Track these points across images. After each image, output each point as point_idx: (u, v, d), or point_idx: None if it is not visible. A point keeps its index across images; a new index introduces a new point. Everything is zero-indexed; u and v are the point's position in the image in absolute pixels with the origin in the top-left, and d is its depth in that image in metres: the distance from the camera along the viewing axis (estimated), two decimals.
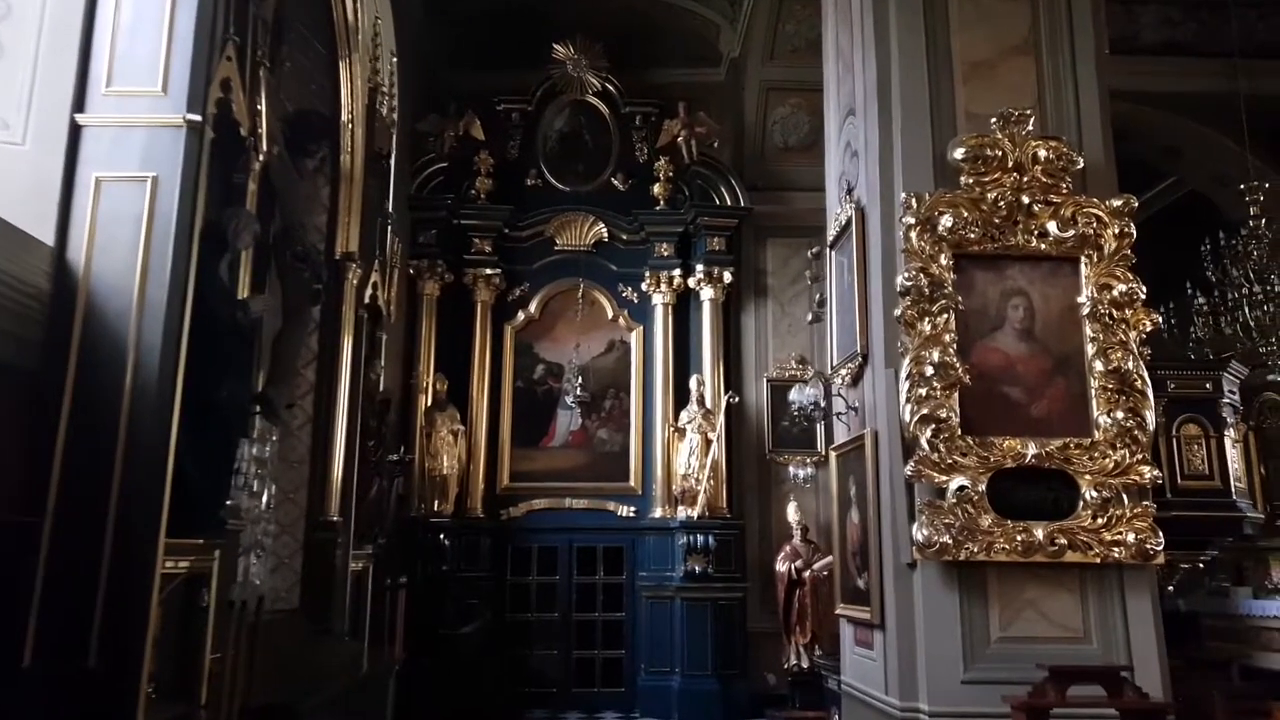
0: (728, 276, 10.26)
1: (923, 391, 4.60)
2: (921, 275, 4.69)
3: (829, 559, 9.40)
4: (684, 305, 10.45)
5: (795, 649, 9.16)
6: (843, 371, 5.44)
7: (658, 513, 9.91)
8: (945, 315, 4.69)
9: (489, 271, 10.37)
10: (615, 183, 10.77)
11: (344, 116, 6.28)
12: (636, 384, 10.36)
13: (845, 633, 5.49)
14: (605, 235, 10.58)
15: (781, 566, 9.29)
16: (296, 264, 5.06)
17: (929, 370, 4.60)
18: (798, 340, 10.37)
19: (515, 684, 9.53)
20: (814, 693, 9.07)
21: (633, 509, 10.09)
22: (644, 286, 10.47)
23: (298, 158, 5.63)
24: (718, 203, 10.42)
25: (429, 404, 9.86)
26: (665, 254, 10.43)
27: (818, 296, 8.02)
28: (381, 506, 6.96)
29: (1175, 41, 11.04)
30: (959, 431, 4.58)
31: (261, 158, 4.24)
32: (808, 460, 9.98)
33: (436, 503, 9.59)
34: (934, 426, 4.56)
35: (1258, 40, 10.74)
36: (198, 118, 3.66)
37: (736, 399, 9.85)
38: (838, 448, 5.59)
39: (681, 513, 9.61)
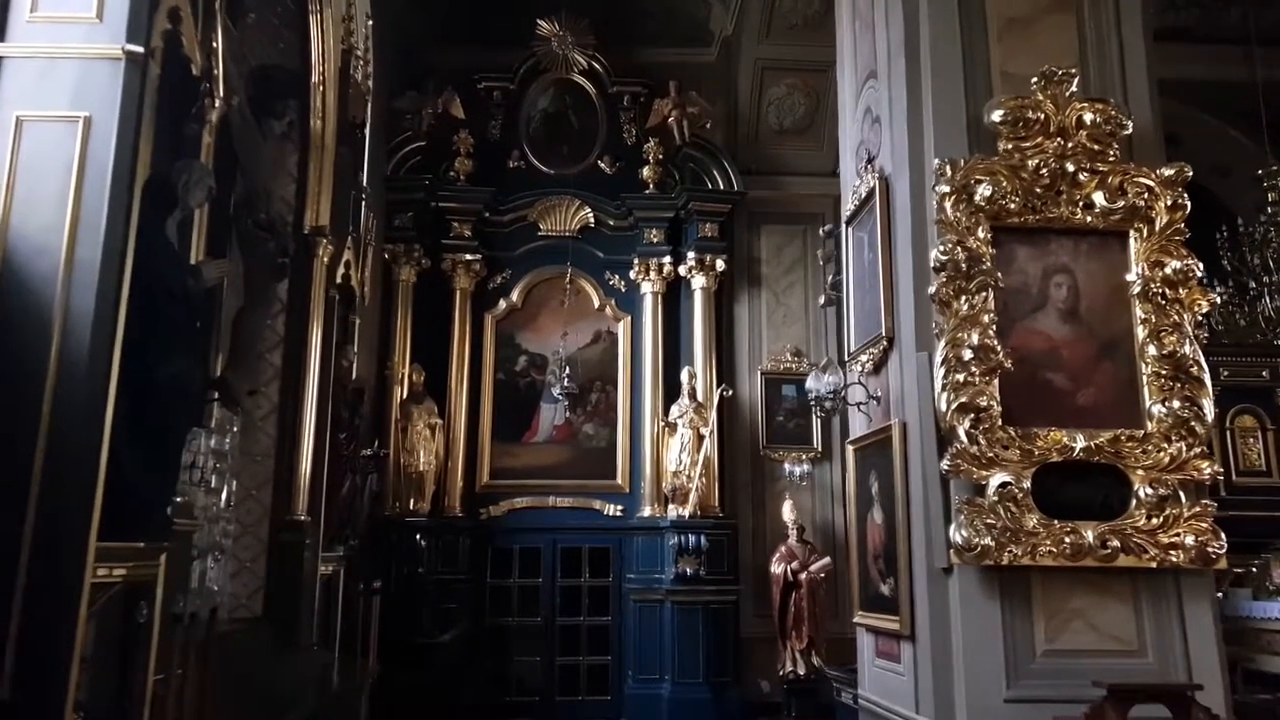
0: (720, 264, 9.77)
1: (960, 377, 4.14)
2: (958, 249, 4.24)
3: (826, 560, 8.99)
4: (674, 294, 9.95)
5: (791, 655, 8.74)
6: (863, 358, 4.98)
7: (646, 511, 9.42)
8: (984, 293, 4.24)
9: (468, 257, 9.81)
10: (602, 165, 10.25)
11: (314, 78, 5.73)
12: (624, 377, 9.85)
13: (864, 643, 5.03)
14: (591, 220, 10.07)
15: (777, 568, 8.86)
16: (260, 233, 4.54)
17: (967, 354, 4.14)
18: (793, 331, 9.92)
19: (495, 693, 9.01)
20: (811, 701, 8.68)
21: (620, 508, 9.59)
22: (632, 274, 9.97)
23: (263, 118, 5.11)
24: (710, 187, 9.92)
25: (404, 396, 9.31)
26: (655, 240, 9.93)
27: (830, 278, 7.57)
28: (354, 505, 6.43)
29: (1177, 27, 10.73)
30: (999, 422, 4.13)
31: (218, 105, 3.70)
32: (803, 457, 9.55)
33: (412, 501, 9.05)
34: (973, 416, 4.11)
35: (1261, 26, 10.45)
36: (139, 49, 3.13)
37: (730, 392, 9.37)
38: (856, 441, 5.13)
39: (672, 512, 9.13)
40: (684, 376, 9.39)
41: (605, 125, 10.35)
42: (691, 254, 9.78)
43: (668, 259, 9.87)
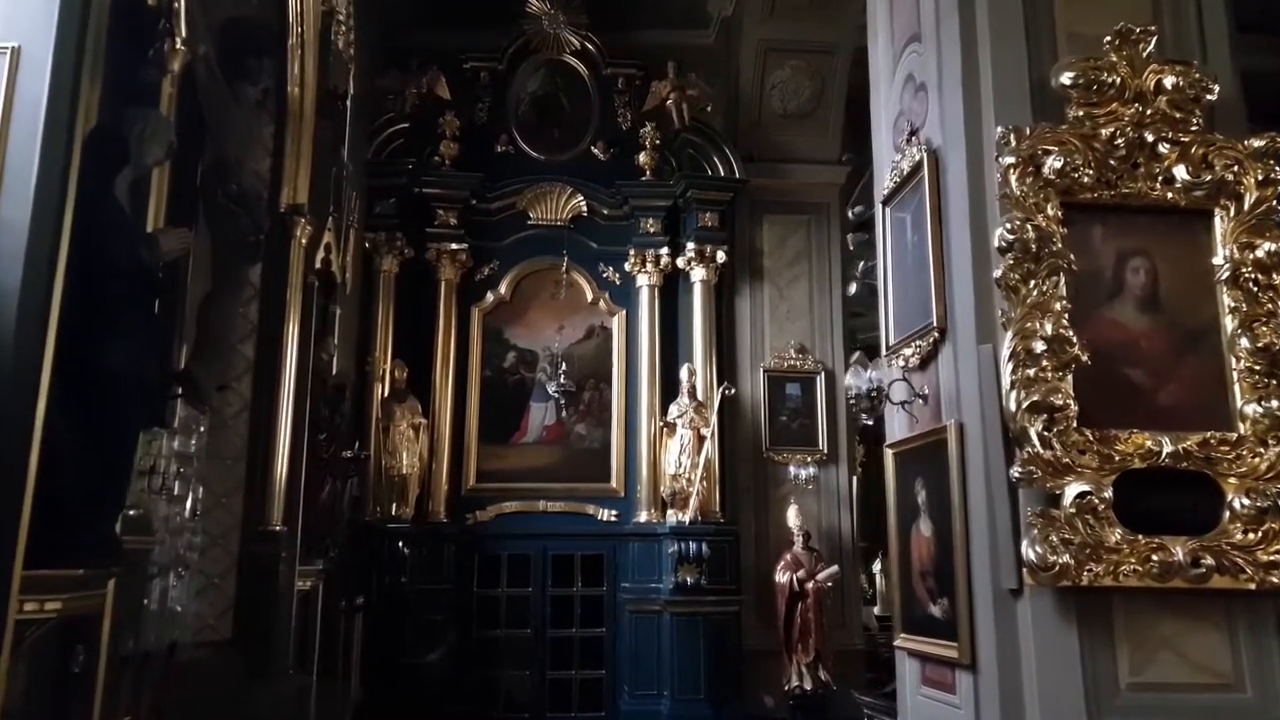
0: (721, 256, 9.27)
1: (1031, 372, 3.65)
2: (1026, 227, 3.75)
3: (834, 569, 8.53)
4: (672, 288, 9.46)
5: (797, 669, 8.32)
6: (906, 351, 4.47)
7: (643, 517, 8.91)
8: (1055, 278, 3.73)
9: (454, 247, 9.26)
10: (595, 151, 9.74)
11: (291, 40, 5.16)
12: (619, 374, 9.34)
13: (906, 668, 4.53)
14: (584, 209, 9.55)
15: (781, 577, 8.42)
16: (231, 206, 3.96)
17: (1039, 346, 3.65)
18: (797, 327, 9.43)
19: (482, 708, 8.47)
20: (818, 717, 8.24)
21: (614, 513, 9.08)
22: (627, 266, 9.45)
23: (235, 80, 4.52)
24: (709, 174, 9.41)
25: (386, 394, 8.74)
26: (651, 230, 9.42)
27: (860, 264, 7.07)
28: (334, 512, 5.86)
29: None
30: (1074, 423, 3.64)
31: (181, 49, 3.14)
32: (809, 459, 9.08)
33: (394, 506, 8.47)
34: (1046, 417, 3.61)
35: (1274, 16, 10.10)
36: None
37: (733, 391, 8.88)
38: (897, 444, 4.62)
39: (671, 517, 8.62)
40: (683, 374, 8.88)
41: (599, 109, 9.84)
42: (690, 245, 9.27)
43: (665, 250, 9.37)
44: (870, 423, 11.72)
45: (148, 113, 2.88)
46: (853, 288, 8.04)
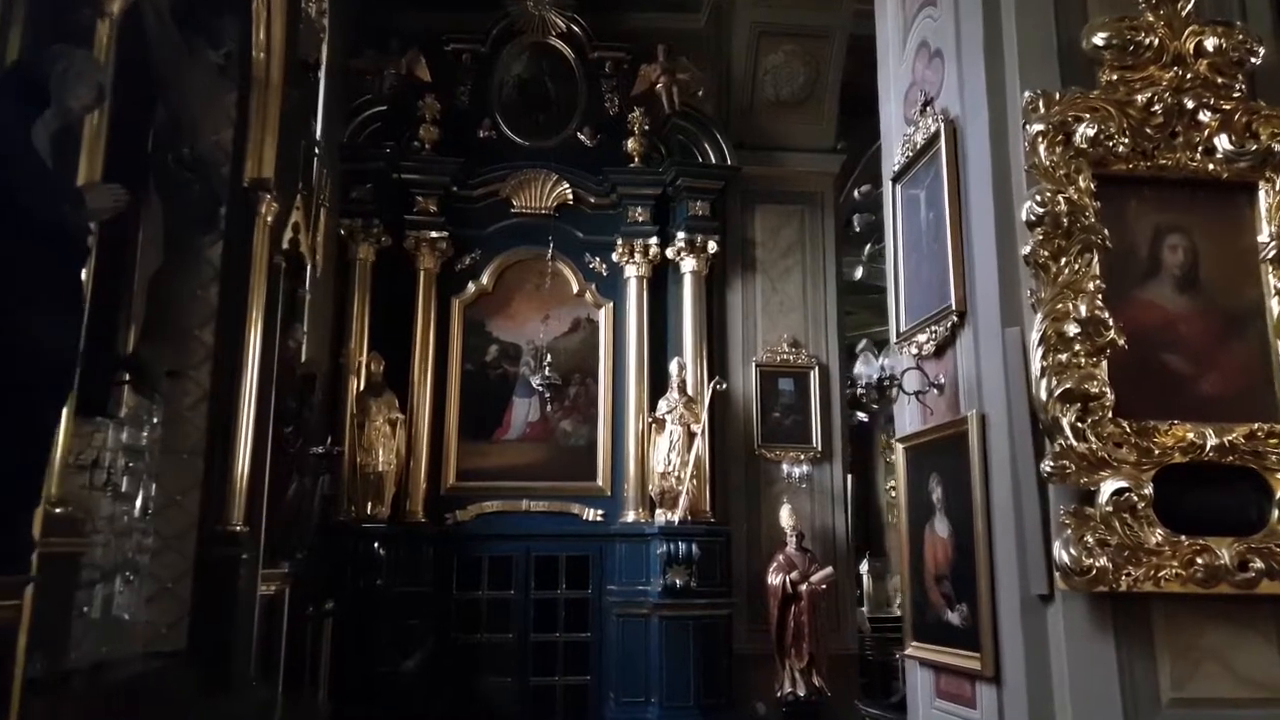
0: (712, 246, 8.92)
1: (1063, 357, 3.34)
2: (1058, 199, 3.43)
3: (829, 570, 8.21)
4: (661, 279, 9.10)
5: (790, 674, 8.00)
6: (920, 338, 4.15)
7: (630, 516, 8.56)
8: (1088, 255, 3.43)
9: (434, 235, 8.88)
10: (581, 137, 9.39)
11: (255, 1, 4.78)
12: (605, 369, 8.99)
13: (918, 679, 4.21)
14: (570, 197, 9.18)
15: (774, 579, 8.10)
16: (184, 172, 3.58)
17: (1071, 329, 3.34)
18: (790, 320, 9.11)
19: (461, 718, 8.09)
20: None
21: (600, 512, 8.72)
22: (615, 257, 9.10)
23: (194, 40, 4.13)
24: (700, 161, 9.07)
25: (361, 388, 8.35)
26: (640, 219, 9.07)
27: (867, 248, 6.75)
28: (302, 511, 5.48)
29: None
30: (1110, 414, 3.33)
31: None
32: (802, 456, 8.77)
33: (370, 505, 8.08)
34: (1080, 406, 3.30)
35: None
36: None
37: (725, 385, 8.54)
38: (909, 439, 4.30)
39: (660, 517, 8.27)
40: (674, 368, 8.53)
41: (585, 94, 9.49)
42: (680, 234, 8.93)
43: (654, 240, 9.03)
44: (865, 419, 11.49)
45: (71, 50, 2.49)
46: (859, 272, 7.66)
